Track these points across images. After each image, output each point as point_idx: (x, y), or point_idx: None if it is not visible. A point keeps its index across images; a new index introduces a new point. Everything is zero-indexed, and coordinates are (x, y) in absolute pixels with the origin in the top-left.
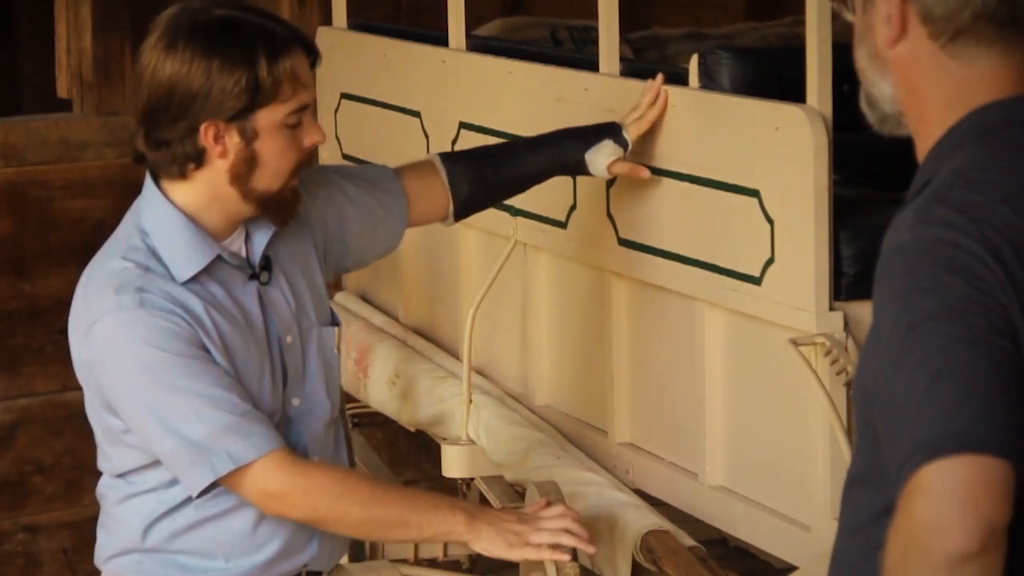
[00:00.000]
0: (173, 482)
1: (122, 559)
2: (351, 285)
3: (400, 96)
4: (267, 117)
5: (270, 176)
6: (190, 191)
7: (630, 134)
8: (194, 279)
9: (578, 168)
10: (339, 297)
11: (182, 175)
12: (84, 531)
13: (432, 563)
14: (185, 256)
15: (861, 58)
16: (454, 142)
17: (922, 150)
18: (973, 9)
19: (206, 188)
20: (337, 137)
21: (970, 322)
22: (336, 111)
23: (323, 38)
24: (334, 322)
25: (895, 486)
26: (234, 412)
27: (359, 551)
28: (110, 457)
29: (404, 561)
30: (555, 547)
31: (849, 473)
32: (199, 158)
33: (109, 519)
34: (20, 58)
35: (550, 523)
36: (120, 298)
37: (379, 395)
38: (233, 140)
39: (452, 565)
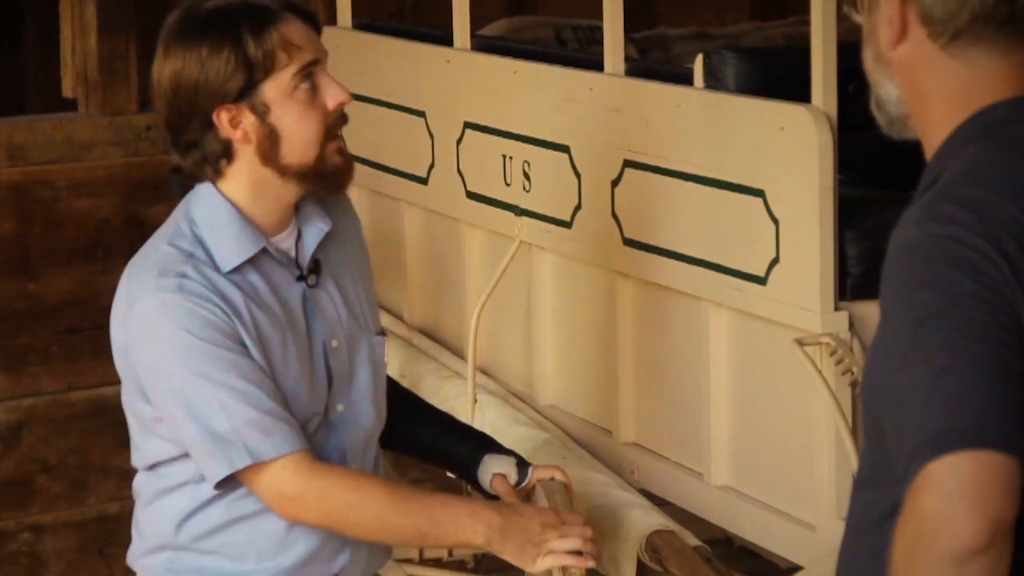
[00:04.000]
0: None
1: (155, 557)
2: None
3: (405, 96)
4: (273, 88)
5: (299, 147)
6: (237, 186)
7: (535, 472)
8: (237, 271)
9: (468, 468)
10: None
11: (218, 173)
12: (89, 531)
13: (437, 563)
14: (230, 246)
15: (868, 60)
16: (459, 142)
17: (928, 150)
18: (971, 10)
19: (247, 178)
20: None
21: (975, 318)
22: None
23: (328, 38)
24: (382, 333)
25: (901, 482)
26: (259, 408)
27: None
28: (142, 449)
29: (409, 561)
30: (575, 554)
31: (857, 474)
32: (227, 151)
33: (143, 517)
34: (25, 58)
35: (574, 530)
36: (160, 281)
37: None
38: (249, 120)
39: (457, 565)
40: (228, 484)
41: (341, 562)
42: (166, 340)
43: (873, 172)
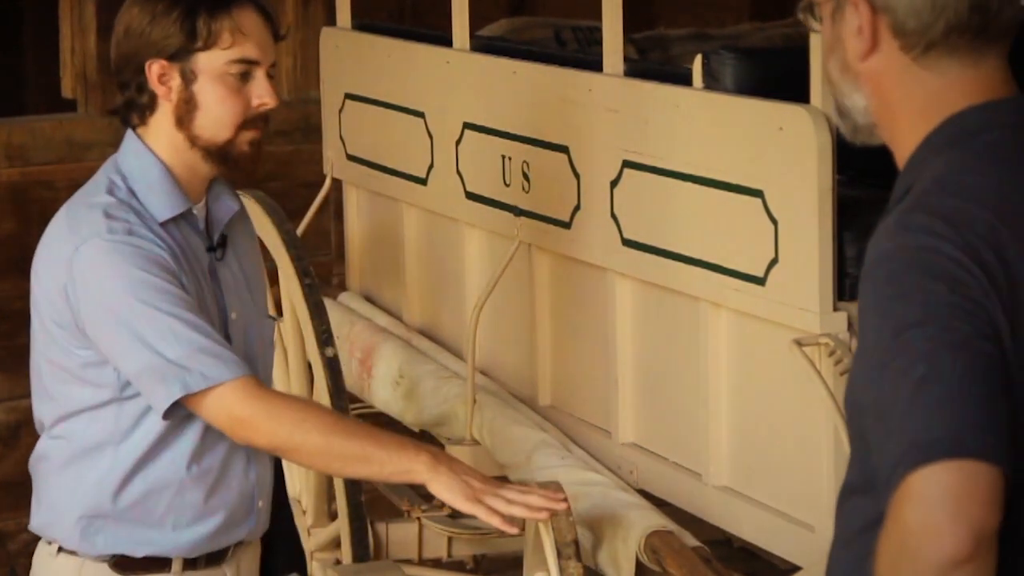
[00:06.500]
0: (126, 434)
1: (68, 525)
2: (356, 286)
3: (404, 96)
4: (206, 61)
5: (213, 123)
6: (159, 141)
7: None
8: (164, 226)
9: None
10: (343, 297)
11: (142, 119)
12: None
13: (436, 563)
14: (161, 201)
15: (832, 70)
16: (458, 142)
17: (899, 159)
18: (946, 21)
19: (165, 136)
20: (341, 138)
21: (953, 327)
22: (340, 111)
23: (327, 39)
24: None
25: (884, 493)
26: (209, 336)
27: (363, 551)
28: (58, 398)
29: (408, 561)
30: (508, 521)
31: (844, 482)
32: (151, 102)
33: (55, 482)
34: (25, 58)
35: (510, 494)
36: (110, 223)
37: (383, 395)
38: (175, 80)
39: (456, 565)
40: (172, 413)
41: (248, 527)
42: (118, 276)
43: (872, 172)
